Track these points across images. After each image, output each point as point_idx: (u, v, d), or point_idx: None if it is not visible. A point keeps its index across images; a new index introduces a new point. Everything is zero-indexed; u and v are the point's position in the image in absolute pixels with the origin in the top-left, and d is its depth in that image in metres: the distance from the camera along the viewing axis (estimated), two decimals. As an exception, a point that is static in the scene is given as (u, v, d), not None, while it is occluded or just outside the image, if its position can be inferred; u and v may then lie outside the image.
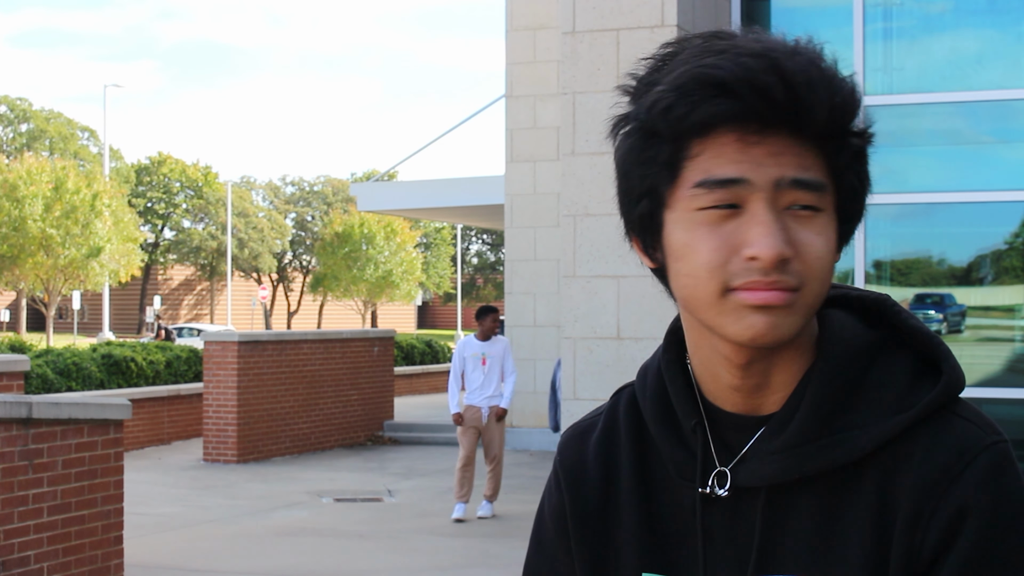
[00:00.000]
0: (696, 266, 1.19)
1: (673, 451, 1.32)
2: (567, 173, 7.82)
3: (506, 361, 10.92)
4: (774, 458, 1.24)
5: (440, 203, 18.71)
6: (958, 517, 1.17)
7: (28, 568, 6.55)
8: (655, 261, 1.27)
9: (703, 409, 1.31)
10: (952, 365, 1.25)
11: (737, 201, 1.18)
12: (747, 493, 1.27)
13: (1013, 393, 8.74)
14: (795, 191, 1.19)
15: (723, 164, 1.19)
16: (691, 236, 1.20)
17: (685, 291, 1.22)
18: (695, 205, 1.19)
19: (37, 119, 63.43)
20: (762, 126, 1.18)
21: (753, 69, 1.16)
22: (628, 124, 1.26)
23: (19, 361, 9.06)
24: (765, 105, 1.17)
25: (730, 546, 1.28)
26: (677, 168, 1.21)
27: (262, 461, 15.06)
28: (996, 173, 9.02)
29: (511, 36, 16.06)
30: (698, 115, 1.17)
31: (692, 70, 1.19)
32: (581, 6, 7.79)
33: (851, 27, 8.71)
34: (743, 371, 1.25)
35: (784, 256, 1.17)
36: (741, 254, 1.17)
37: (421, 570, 8.96)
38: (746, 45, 1.20)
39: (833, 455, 1.22)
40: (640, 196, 1.24)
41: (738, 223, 1.18)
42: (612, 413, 1.41)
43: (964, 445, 1.19)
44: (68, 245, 43.86)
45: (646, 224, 1.25)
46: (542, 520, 1.44)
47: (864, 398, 1.24)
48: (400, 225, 58.87)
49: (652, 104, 1.20)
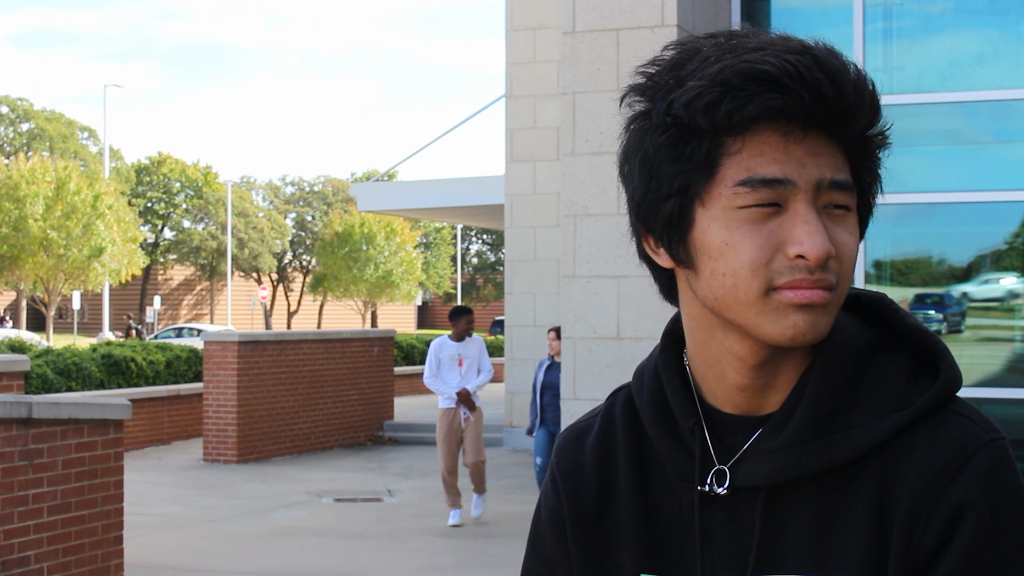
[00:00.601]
0: (739, 264, 1.18)
1: (671, 451, 1.31)
2: (567, 173, 7.81)
3: (482, 361, 10.65)
4: (773, 457, 1.24)
5: (440, 203, 18.71)
6: (957, 514, 1.17)
7: (28, 568, 6.55)
8: (677, 260, 1.25)
9: (701, 409, 1.31)
10: (950, 363, 1.25)
11: (779, 200, 1.18)
12: (746, 492, 1.27)
13: (1013, 393, 8.74)
14: (832, 191, 1.20)
15: (766, 163, 1.18)
16: (732, 234, 1.19)
17: (721, 290, 1.20)
18: (736, 203, 1.18)
19: (38, 119, 63.43)
20: (805, 124, 1.18)
21: (801, 66, 1.16)
22: (651, 121, 1.23)
23: (19, 361, 9.06)
24: (816, 102, 1.17)
25: (729, 546, 1.28)
26: (715, 165, 1.19)
27: (262, 461, 15.06)
28: (996, 173, 9.02)
29: (511, 36, 16.06)
30: (750, 110, 1.16)
31: (736, 65, 1.16)
32: (581, 6, 7.79)
33: (851, 27, 8.71)
34: (755, 371, 1.25)
35: (831, 255, 1.18)
36: (785, 252, 1.18)
37: (421, 570, 8.96)
38: (781, 43, 1.19)
39: (832, 454, 1.22)
40: (670, 193, 1.22)
41: (780, 221, 1.19)
42: (609, 414, 1.41)
43: (962, 442, 1.20)
44: (69, 246, 43.87)
45: (674, 222, 1.23)
46: (539, 522, 1.43)
47: (862, 397, 1.24)
48: (400, 225, 58.87)
49: (691, 99, 1.18)
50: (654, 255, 1.28)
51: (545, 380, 10.30)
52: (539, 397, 10.40)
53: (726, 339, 1.25)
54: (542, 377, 10.38)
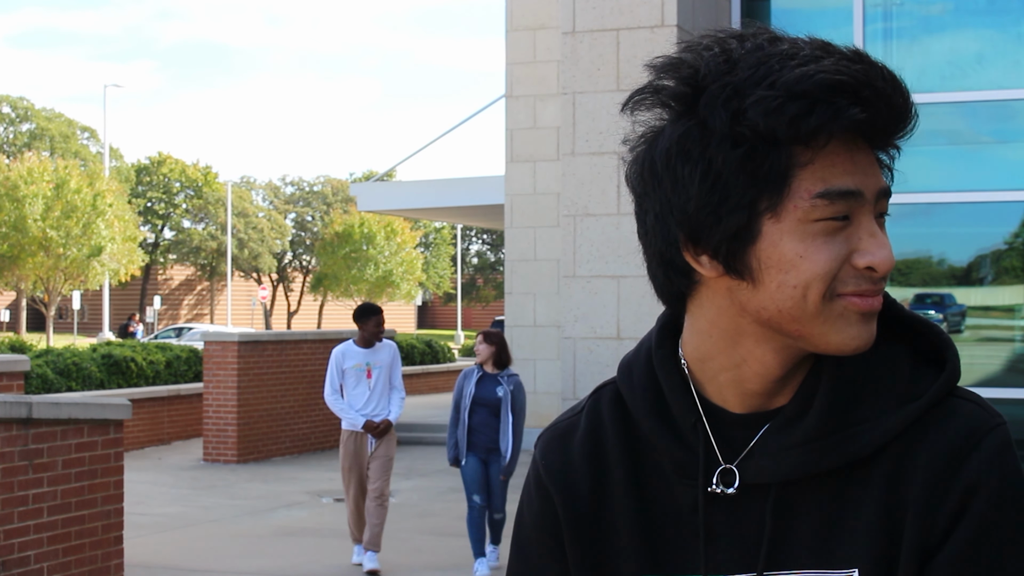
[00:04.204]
0: (811, 276, 1.18)
1: (671, 448, 1.30)
2: (567, 173, 7.81)
3: (394, 373, 8.89)
4: (791, 453, 1.24)
5: (440, 203, 18.72)
6: (967, 495, 1.19)
7: (28, 568, 6.55)
8: (732, 272, 1.22)
9: (701, 406, 1.30)
10: (955, 352, 1.28)
11: (850, 212, 1.19)
12: (755, 489, 1.26)
13: (1013, 393, 8.74)
14: (883, 200, 1.23)
15: (839, 175, 1.18)
16: (806, 247, 1.18)
17: (790, 302, 1.19)
18: (813, 216, 1.18)
19: (38, 118, 63.43)
20: (871, 134, 1.20)
21: (871, 76, 1.17)
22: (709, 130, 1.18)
23: (19, 361, 9.06)
24: (888, 112, 1.18)
25: (733, 544, 1.27)
26: (788, 177, 1.18)
27: (262, 461, 15.06)
28: (996, 173, 9.02)
29: (511, 36, 16.06)
30: (840, 123, 1.15)
31: (814, 75, 1.15)
32: (581, 6, 7.79)
33: (851, 27, 8.72)
34: (777, 380, 1.26)
35: (893, 265, 1.22)
36: (852, 263, 1.19)
37: (421, 570, 8.96)
38: (834, 49, 1.19)
39: (849, 449, 1.23)
40: (739, 206, 1.19)
41: (848, 233, 1.20)
42: (595, 412, 1.38)
43: (972, 426, 1.22)
44: (69, 245, 43.88)
45: (739, 235, 1.19)
46: (522, 527, 1.40)
47: (871, 390, 1.25)
48: (400, 225, 58.87)
49: (772, 110, 1.15)
50: (694, 263, 1.24)
51: (477, 395, 8.40)
52: (466, 416, 8.43)
53: (756, 349, 1.24)
54: (472, 391, 8.41)
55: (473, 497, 8.50)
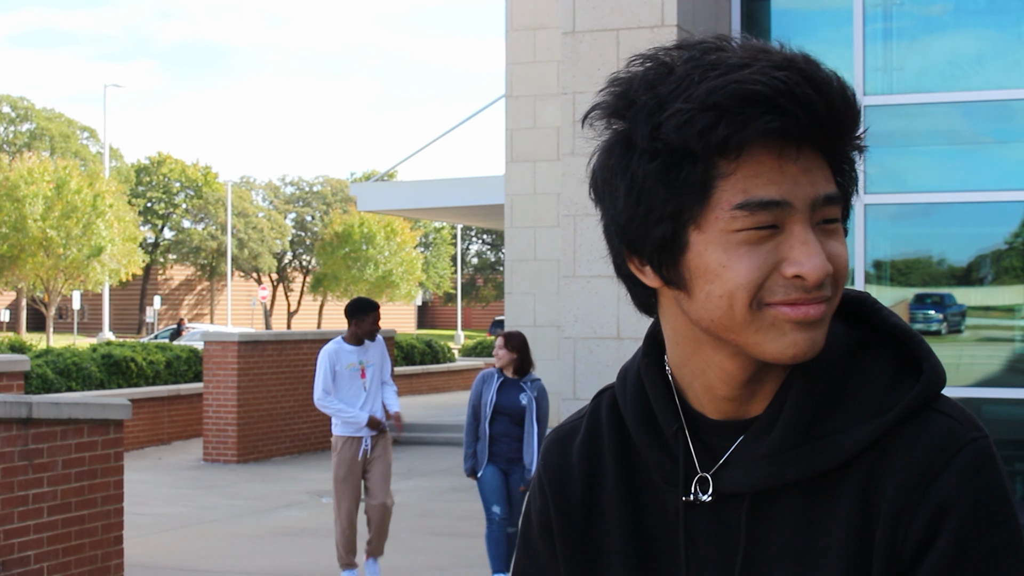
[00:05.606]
0: (734, 286, 1.17)
1: (656, 456, 1.31)
2: (567, 173, 7.81)
3: (385, 370, 8.38)
4: (756, 465, 1.24)
5: (440, 203, 18.71)
6: (939, 513, 1.17)
7: (28, 568, 6.55)
8: (667, 281, 1.23)
9: (684, 413, 1.30)
10: (933, 364, 1.25)
11: (776, 222, 1.17)
12: (731, 498, 1.27)
13: (1013, 393, 8.74)
14: (825, 207, 1.19)
15: (762, 184, 1.16)
16: (728, 257, 1.17)
17: (718, 311, 1.19)
18: (734, 227, 1.16)
19: (39, 118, 63.43)
20: (798, 142, 1.17)
21: (792, 83, 1.14)
22: (634, 143, 1.19)
23: (19, 361, 9.06)
24: (809, 119, 1.15)
25: (714, 551, 1.28)
26: (709, 188, 1.17)
27: (262, 461, 15.06)
28: (996, 173, 9.02)
29: (511, 36, 16.06)
30: (748, 133, 1.13)
31: (727, 86, 1.14)
32: (581, 6, 7.79)
33: (851, 27, 8.71)
34: (743, 385, 1.25)
35: (829, 274, 1.18)
36: (781, 271, 1.17)
37: (421, 570, 8.97)
38: (763, 56, 1.17)
39: (815, 462, 1.22)
40: (662, 218, 1.19)
41: (777, 242, 1.17)
42: (594, 416, 1.40)
43: (944, 442, 1.19)
44: (69, 245, 43.88)
45: (667, 246, 1.20)
46: (529, 524, 1.43)
47: (845, 401, 1.24)
48: (400, 225, 58.87)
49: (682, 123, 1.14)
50: (639, 274, 1.26)
51: (498, 403, 7.77)
52: (487, 425, 7.80)
53: (715, 356, 1.24)
54: (493, 399, 7.77)
55: (493, 508, 7.78)
